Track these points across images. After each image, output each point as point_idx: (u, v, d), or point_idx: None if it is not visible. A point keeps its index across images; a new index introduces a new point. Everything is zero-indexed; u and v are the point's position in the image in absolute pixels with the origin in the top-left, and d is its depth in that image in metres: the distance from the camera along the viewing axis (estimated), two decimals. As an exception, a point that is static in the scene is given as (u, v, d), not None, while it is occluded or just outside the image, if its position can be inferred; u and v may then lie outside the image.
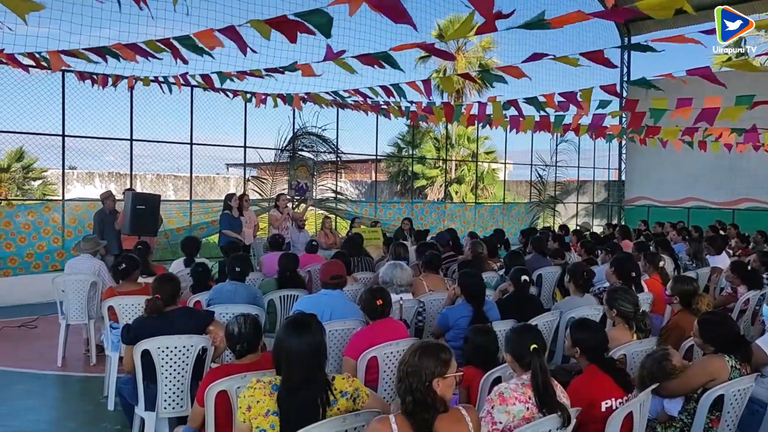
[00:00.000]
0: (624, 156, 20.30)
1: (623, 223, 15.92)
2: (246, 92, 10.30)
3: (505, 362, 3.44)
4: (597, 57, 6.09)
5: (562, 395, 2.90)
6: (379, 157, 15.55)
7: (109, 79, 9.42)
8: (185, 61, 5.75)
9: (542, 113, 8.55)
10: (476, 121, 11.66)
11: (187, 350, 4.07)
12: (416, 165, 29.78)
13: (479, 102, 9.66)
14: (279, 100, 10.07)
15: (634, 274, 5.58)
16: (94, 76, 9.51)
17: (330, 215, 12.87)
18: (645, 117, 11.10)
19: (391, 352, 3.95)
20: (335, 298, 4.66)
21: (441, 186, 28.67)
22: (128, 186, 9.77)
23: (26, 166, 23.63)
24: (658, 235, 12.33)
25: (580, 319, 3.67)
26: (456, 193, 28.32)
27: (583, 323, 3.40)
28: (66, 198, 10.58)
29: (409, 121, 13.91)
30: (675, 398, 3.50)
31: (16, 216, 9.60)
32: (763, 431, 3.75)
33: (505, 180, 17.86)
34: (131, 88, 9.83)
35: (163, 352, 4.01)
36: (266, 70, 6.64)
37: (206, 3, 9.39)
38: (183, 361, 4.07)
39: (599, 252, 8.19)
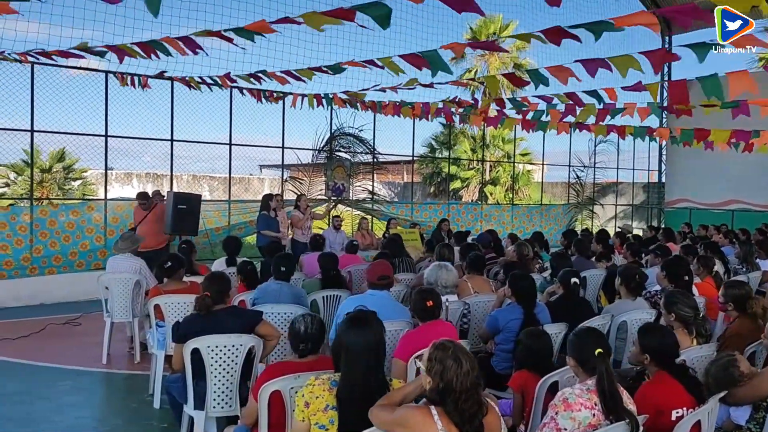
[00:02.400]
0: (664, 157, 19.87)
1: (666, 226, 15.53)
2: (281, 93, 10.33)
3: (562, 366, 3.35)
4: (654, 56, 5.95)
5: (628, 401, 2.79)
6: (415, 158, 15.42)
7: (147, 79, 9.55)
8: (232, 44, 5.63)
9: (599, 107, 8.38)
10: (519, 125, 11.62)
11: (236, 349, 4.05)
12: (451, 166, 29.65)
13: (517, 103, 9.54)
14: (315, 101, 10.07)
15: (687, 278, 5.41)
16: (136, 77, 9.65)
17: (366, 216, 12.83)
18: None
19: (442, 355, 3.87)
20: (382, 298, 4.60)
21: (475, 187, 28.48)
22: (166, 186, 9.88)
23: (67, 166, 24.13)
24: (703, 237, 12.02)
25: (647, 324, 3.55)
26: (491, 194, 28.09)
27: (652, 328, 3.27)
28: (108, 198, 10.70)
29: (444, 119, 13.86)
30: (742, 406, 3.35)
31: (60, 215, 9.76)
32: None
33: (542, 181, 17.58)
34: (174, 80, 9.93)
35: (212, 350, 3.99)
36: (312, 68, 6.60)
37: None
38: (233, 360, 4.05)
39: (644, 255, 8.01)
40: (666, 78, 19.44)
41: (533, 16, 29.01)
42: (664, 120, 19.11)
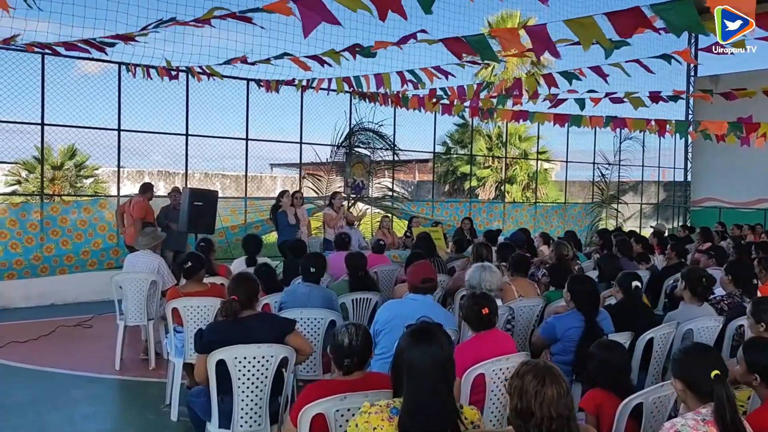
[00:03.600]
0: (690, 155, 19.30)
1: (694, 225, 14.94)
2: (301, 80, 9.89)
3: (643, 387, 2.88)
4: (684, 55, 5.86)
5: (750, 434, 2.32)
6: (438, 155, 14.97)
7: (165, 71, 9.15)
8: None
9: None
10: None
11: (267, 361, 3.60)
12: (466, 165, 29.12)
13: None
14: (344, 84, 9.58)
15: (756, 281, 4.93)
16: (151, 68, 9.25)
17: (388, 214, 12.37)
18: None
19: (500, 369, 3.42)
20: (426, 304, 4.14)
21: (491, 186, 27.94)
22: (178, 183, 9.49)
23: (78, 163, 23.82)
24: (737, 237, 11.50)
25: (754, 338, 3.07)
26: (508, 193, 27.55)
27: (762, 343, 2.79)
28: (121, 194, 10.30)
29: (467, 114, 13.40)
30: None
31: (72, 213, 9.38)
32: None
33: (566, 180, 17.04)
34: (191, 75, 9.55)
35: (240, 363, 3.55)
36: (338, 51, 6.13)
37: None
38: (262, 374, 3.60)
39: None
40: (692, 74, 18.92)
41: (551, 11, 28.37)
42: (690, 115, 18.58)
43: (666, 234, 10.20)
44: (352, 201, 12.24)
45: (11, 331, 7.51)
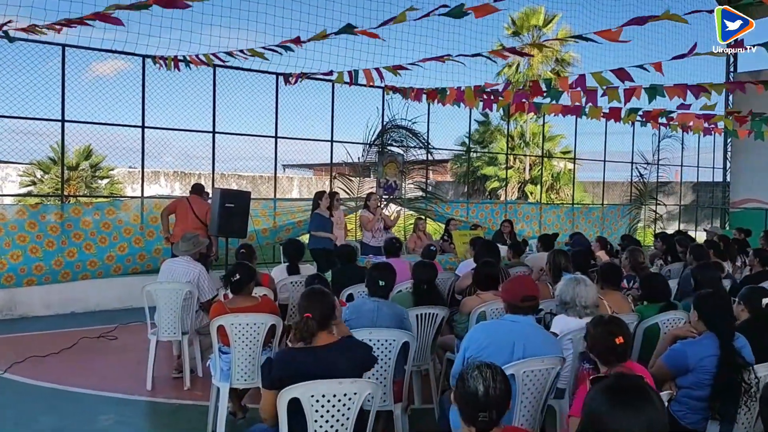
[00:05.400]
0: (729, 155, 18.51)
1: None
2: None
3: None
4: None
5: None
6: (473, 152, 14.31)
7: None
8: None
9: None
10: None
11: (350, 400, 2.96)
12: (487, 167, 28.43)
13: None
14: (376, 74, 9.01)
15: None
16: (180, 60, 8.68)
17: (421, 216, 11.71)
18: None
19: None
20: (527, 326, 3.49)
21: (514, 187, 27.21)
22: (195, 183, 8.83)
23: (94, 164, 23.35)
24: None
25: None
26: (531, 194, 26.83)
27: None
28: (145, 195, 9.71)
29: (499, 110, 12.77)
30: None
31: (94, 214, 8.78)
32: None
33: (603, 180, 16.24)
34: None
35: (318, 402, 2.91)
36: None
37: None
38: (343, 414, 2.96)
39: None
40: (732, 70, 18.16)
41: (576, 8, 27.61)
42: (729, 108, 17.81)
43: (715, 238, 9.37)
44: (385, 202, 11.58)
45: (31, 344, 6.95)
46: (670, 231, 12.74)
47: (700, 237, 12.76)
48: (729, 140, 18.28)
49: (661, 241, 8.42)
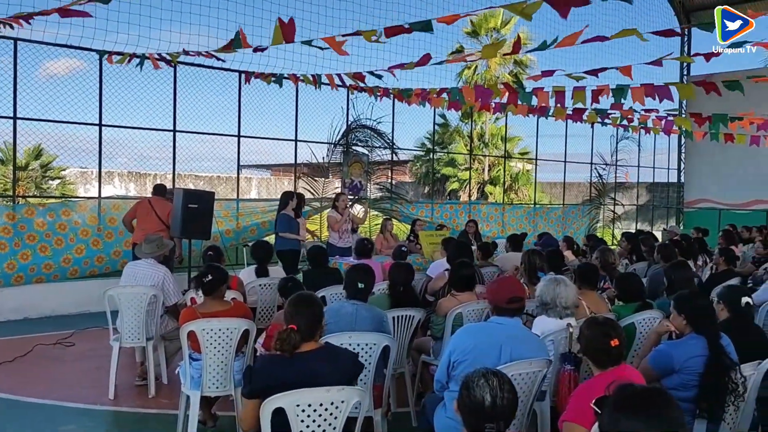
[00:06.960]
0: (683, 156, 18.97)
1: (712, 228, 14.43)
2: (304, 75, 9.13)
3: None
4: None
5: None
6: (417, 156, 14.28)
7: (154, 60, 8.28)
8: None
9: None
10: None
11: (337, 409, 2.84)
12: (446, 168, 28.55)
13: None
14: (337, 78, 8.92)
15: None
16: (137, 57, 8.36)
17: (389, 217, 11.61)
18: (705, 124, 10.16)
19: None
20: (514, 328, 3.42)
21: (473, 188, 27.37)
22: (149, 185, 8.58)
23: (45, 164, 22.57)
24: (748, 240, 11.07)
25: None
26: (491, 194, 27.04)
27: None
28: (102, 196, 9.36)
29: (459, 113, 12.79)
30: None
31: (49, 215, 8.40)
32: None
33: (564, 181, 16.43)
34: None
35: (304, 411, 2.78)
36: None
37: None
38: (330, 425, 2.84)
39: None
40: (685, 73, 18.60)
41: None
42: (683, 112, 18.26)
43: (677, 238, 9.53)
44: (351, 202, 11.45)
45: (-18, 352, 6.60)
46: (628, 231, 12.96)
47: (657, 237, 13.01)
48: (683, 142, 18.73)
49: (626, 240, 8.50)
